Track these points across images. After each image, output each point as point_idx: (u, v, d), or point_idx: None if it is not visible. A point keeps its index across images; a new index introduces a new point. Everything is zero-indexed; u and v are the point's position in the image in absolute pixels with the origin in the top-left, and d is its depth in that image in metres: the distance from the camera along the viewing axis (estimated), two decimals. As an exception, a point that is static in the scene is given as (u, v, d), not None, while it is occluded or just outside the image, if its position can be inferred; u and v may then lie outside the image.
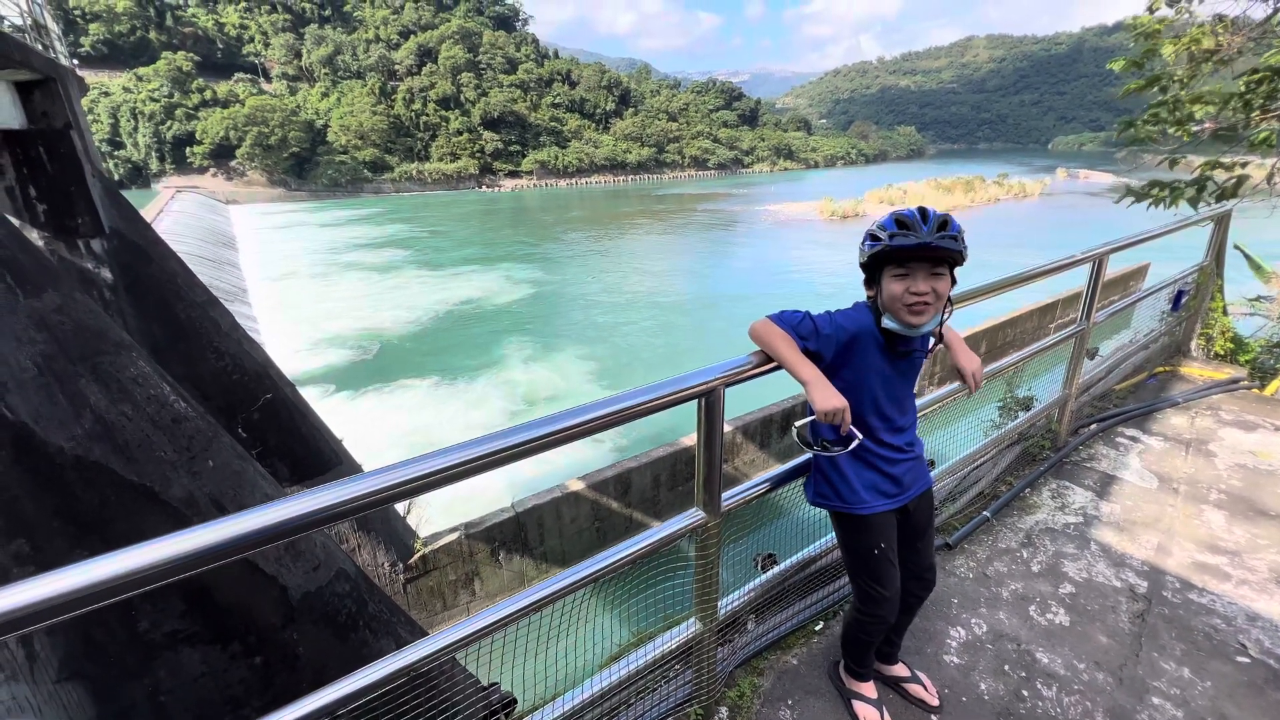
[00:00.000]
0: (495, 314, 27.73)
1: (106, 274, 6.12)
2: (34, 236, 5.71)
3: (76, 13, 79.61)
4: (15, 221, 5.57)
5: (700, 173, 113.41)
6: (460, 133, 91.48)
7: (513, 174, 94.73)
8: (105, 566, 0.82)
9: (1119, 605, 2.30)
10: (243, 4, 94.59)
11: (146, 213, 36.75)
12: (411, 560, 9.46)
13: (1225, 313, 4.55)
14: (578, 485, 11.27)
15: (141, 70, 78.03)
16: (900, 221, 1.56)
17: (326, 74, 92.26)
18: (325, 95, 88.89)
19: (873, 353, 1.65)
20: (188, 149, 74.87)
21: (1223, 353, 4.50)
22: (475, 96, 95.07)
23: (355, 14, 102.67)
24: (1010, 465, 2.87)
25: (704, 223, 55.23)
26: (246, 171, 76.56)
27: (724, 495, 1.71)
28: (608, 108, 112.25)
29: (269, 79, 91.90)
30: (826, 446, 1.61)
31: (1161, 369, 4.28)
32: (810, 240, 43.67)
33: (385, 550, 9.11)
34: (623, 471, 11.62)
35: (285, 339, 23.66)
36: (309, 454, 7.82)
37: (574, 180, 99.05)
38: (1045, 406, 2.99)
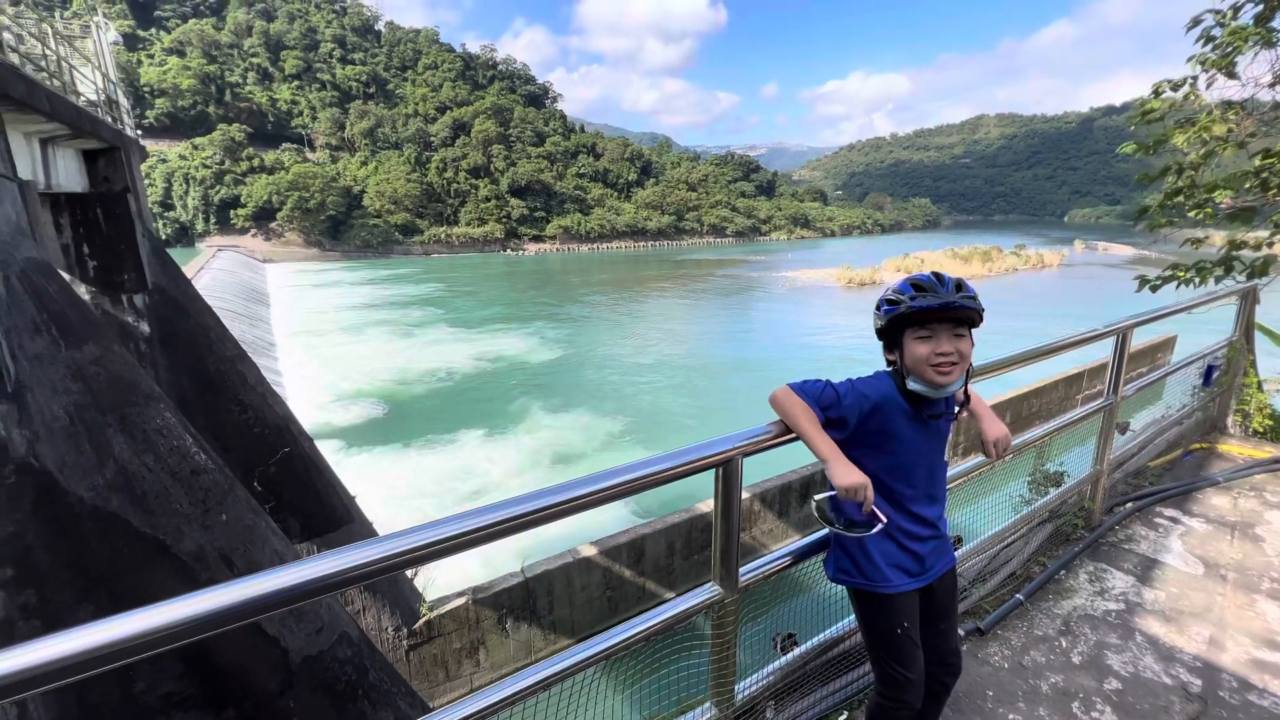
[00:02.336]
0: (517, 372, 28.00)
1: (145, 327, 6.36)
2: (81, 290, 6.00)
3: (145, 89, 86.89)
4: (65, 276, 5.86)
5: (719, 240, 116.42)
6: (488, 199, 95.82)
7: (536, 238, 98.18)
8: (109, 630, 0.80)
9: (1171, 705, 2.11)
10: (296, 82, 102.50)
11: (190, 268, 38.53)
12: (416, 625, 9.15)
13: (1260, 389, 4.42)
14: (590, 551, 10.96)
15: (198, 140, 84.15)
16: (918, 285, 1.58)
17: (366, 144, 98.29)
18: (364, 164, 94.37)
19: (899, 420, 1.62)
20: (232, 211, 79.46)
21: (1261, 430, 4.34)
22: (504, 166, 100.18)
23: (397, 91, 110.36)
24: (1042, 545, 2.73)
25: (723, 288, 56.14)
26: (285, 232, 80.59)
27: (742, 569, 1.65)
28: (630, 178, 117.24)
29: (313, 149, 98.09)
30: (849, 525, 1.55)
31: (1198, 445, 4.12)
32: (830, 306, 44.03)
33: (390, 613, 8.84)
34: (636, 538, 11.31)
35: (308, 392, 24.07)
36: (321, 510, 7.76)
37: (596, 245, 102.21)
38: (1077, 483, 2.86)
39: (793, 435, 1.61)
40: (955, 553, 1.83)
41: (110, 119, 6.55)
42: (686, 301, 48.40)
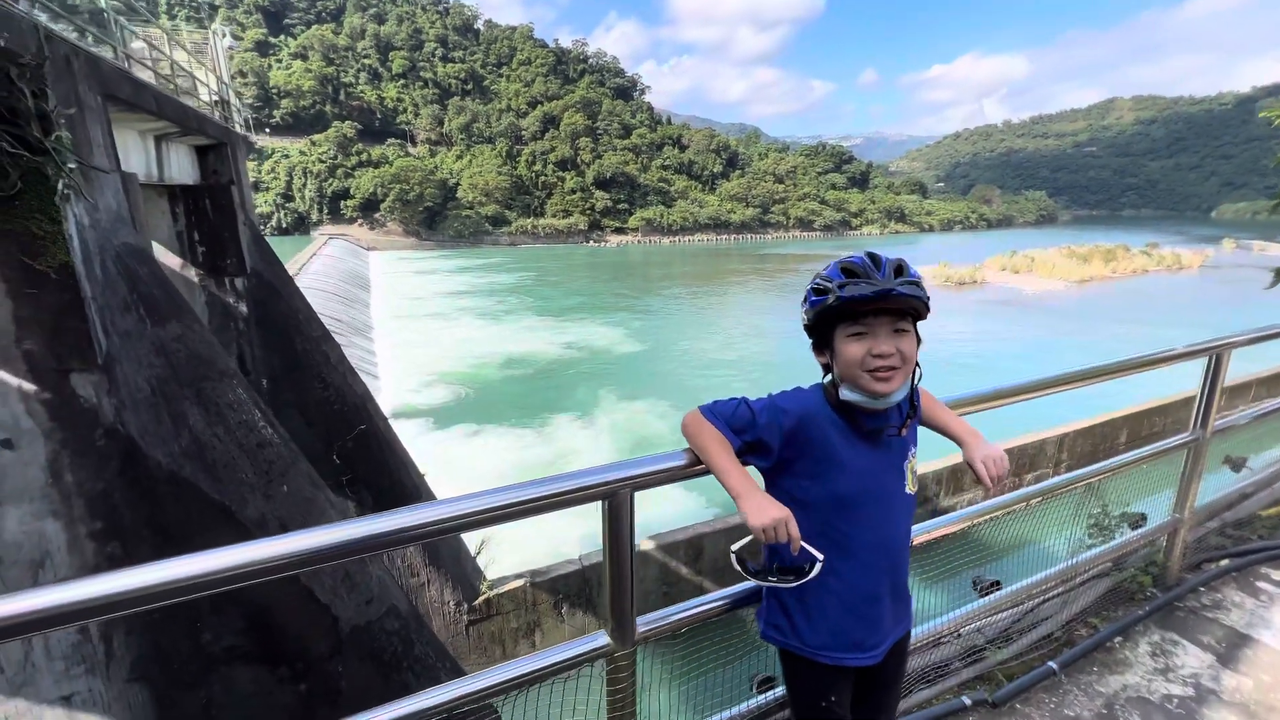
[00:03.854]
0: (597, 362, 28.46)
1: (243, 308, 6.96)
2: (191, 274, 6.64)
3: (274, 90, 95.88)
4: (179, 260, 6.51)
5: (805, 234, 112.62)
6: (574, 191, 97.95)
7: (619, 230, 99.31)
8: (169, 569, 0.95)
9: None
10: (401, 81, 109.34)
11: (304, 254, 42.20)
12: (476, 602, 9.51)
13: None
14: (647, 545, 10.94)
15: (316, 136, 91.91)
16: (848, 269, 1.27)
17: (462, 139, 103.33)
18: (459, 157, 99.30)
19: (833, 439, 1.31)
20: (342, 202, 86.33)
21: None
22: (590, 159, 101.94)
23: (492, 87, 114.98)
24: (1094, 604, 2.23)
25: (806, 284, 54.21)
26: (387, 222, 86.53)
27: (641, 619, 1.42)
28: (715, 170, 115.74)
29: (414, 143, 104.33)
30: (779, 574, 1.26)
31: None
32: (919, 306, 41.32)
33: (453, 588, 9.24)
34: (695, 536, 11.16)
35: (399, 373, 25.66)
36: (393, 486, 8.22)
37: (677, 238, 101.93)
38: (1149, 530, 2.35)
39: (702, 467, 1.35)
40: (981, 601, 1.54)
41: (221, 117, 7.19)
42: (769, 297, 47.13)
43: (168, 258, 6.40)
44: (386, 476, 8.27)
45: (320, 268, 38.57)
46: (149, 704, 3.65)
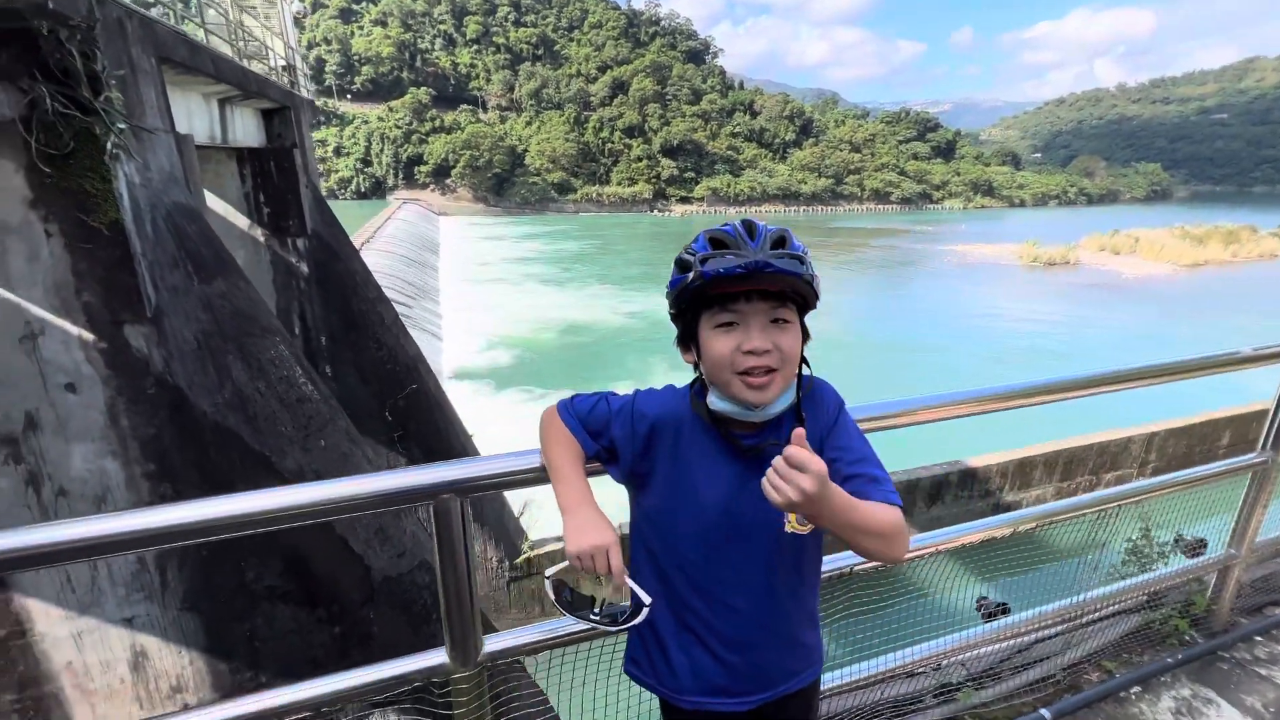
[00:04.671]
0: (652, 332, 28.42)
1: (304, 268, 7.29)
2: (258, 233, 6.99)
3: (355, 57, 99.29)
4: (246, 220, 6.85)
5: (880, 206, 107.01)
6: (640, 159, 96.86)
7: (684, 200, 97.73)
8: (211, 508, 1.06)
9: None
10: (475, 46, 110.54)
11: (379, 219, 44.02)
12: (518, 560, 9.86)
13: None
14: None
15: (393, 103, 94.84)
16: (716, 239, 0.99)
17: (532, 105, 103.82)
18: (528, 124, 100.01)
19: (695, 455, 1.06)
20: (416, 168, 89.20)
21: None
22: (658, 125, 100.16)
23: (563, 52, 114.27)
24: (1112, 644, 1.89)
25: (879, 260, 51.56)
26: (457, 188, 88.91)
27: (490, 638, 1.28)
28: (787, 137, 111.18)
29: (485, 110, 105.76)
30: (602, 612, 1.04)
31: None
32: (1001, 287, 38.51)
33: (496, 546, 9.60)
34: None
35: (462, 336, 26.54)
36: (440, 444, 8.52)
37: (744, 208, 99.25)
38: (1194, 565, 1.99)
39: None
40: (972, 630, 1.31)
41: (288, 82, 7.43)
42: (838, 273, 45.23)
43: (236, 217, 6.74)
44: (435, 435, 8.59)
45: (393, 231, 40.13)
46: (199, 631, 3.97)
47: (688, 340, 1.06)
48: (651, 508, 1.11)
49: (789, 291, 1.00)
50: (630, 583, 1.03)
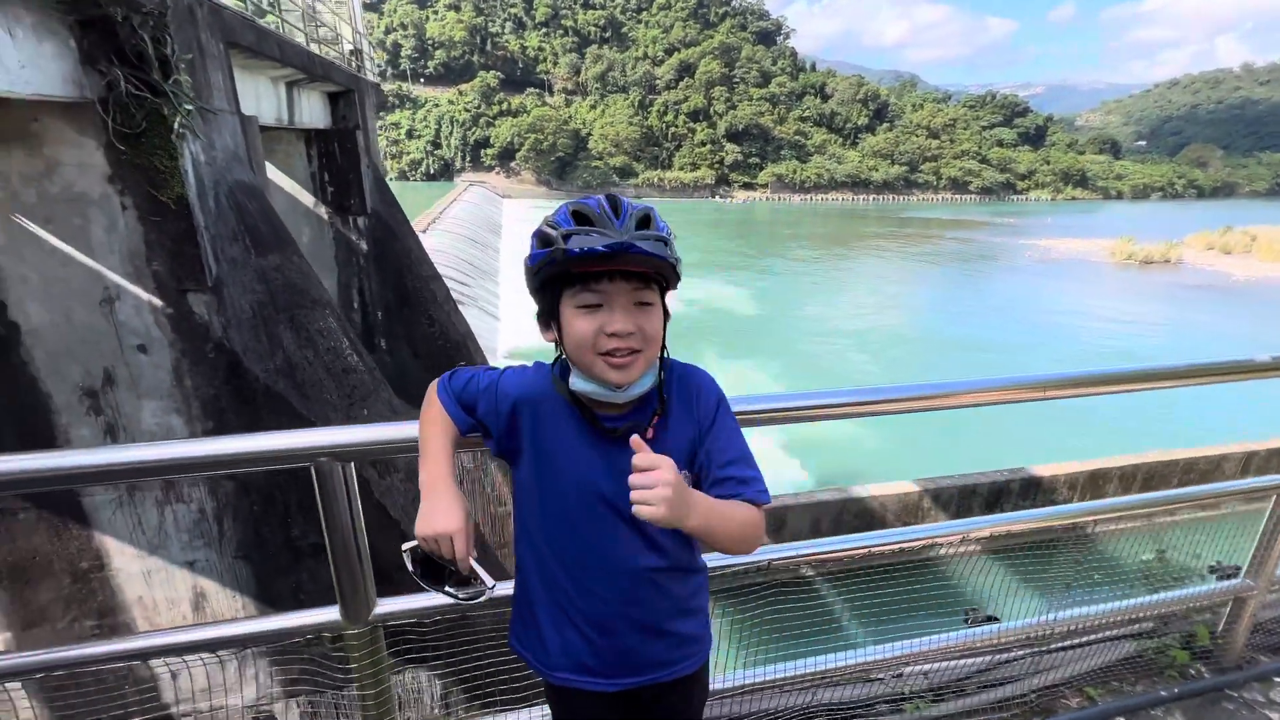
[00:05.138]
0: (706, 320, 28.22)
1: (364, 245, 7.63)
2: (322, 211, 7.36)
3: (429, 42, 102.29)
4: (312, 198, 7.23)
5: (957, 196, 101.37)
6: (704, 144, 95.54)
7: (747, 186, 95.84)
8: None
9: None
10: (544, 29, 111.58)
11: (445, 200, 45.52)
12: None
13: None
14: (726, 507, 10.91)
15: (463, 86, 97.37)
16: (580, 214, 0.95)
17: (597, 88, 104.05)
18: (593, 107, 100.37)
19: (558, 433, 1.05)
20: (482, 151, 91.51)
21: None
22: (724, 109, 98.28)
23: (630, 34, 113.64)
24: (1099, 669, 1.70)
25: (954, 253, 48.89)
26: (521, 171, 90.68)
27: (384, 601, 1.30)
28: (859, 122, 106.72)
29: (551, 93, 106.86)
30: (455, 585, 1.03)
31: None
32: (1088, 286, 35.74)
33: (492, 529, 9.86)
34: (778, 507, 10.92)
35: (519, 315, 27.18)
36: (485, 420, 8.80)
37: (809, 196, 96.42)
38: (1203, 592, 1.77)
39: None
40: (941, 636, 1.23)
41: (355, 66, 7.74)
42: (908, 266, 43.25)
43: (303, 196, 7.12)
44: (481, 411, 8.88)
45: (458, 213, 41.39)
46: (251, 579, 4.30)
47: (548, 318, 1.03)
48: (521, 484, 1.11)
49: (652, 273, 0.98)
50: (476, 566, 1.03)
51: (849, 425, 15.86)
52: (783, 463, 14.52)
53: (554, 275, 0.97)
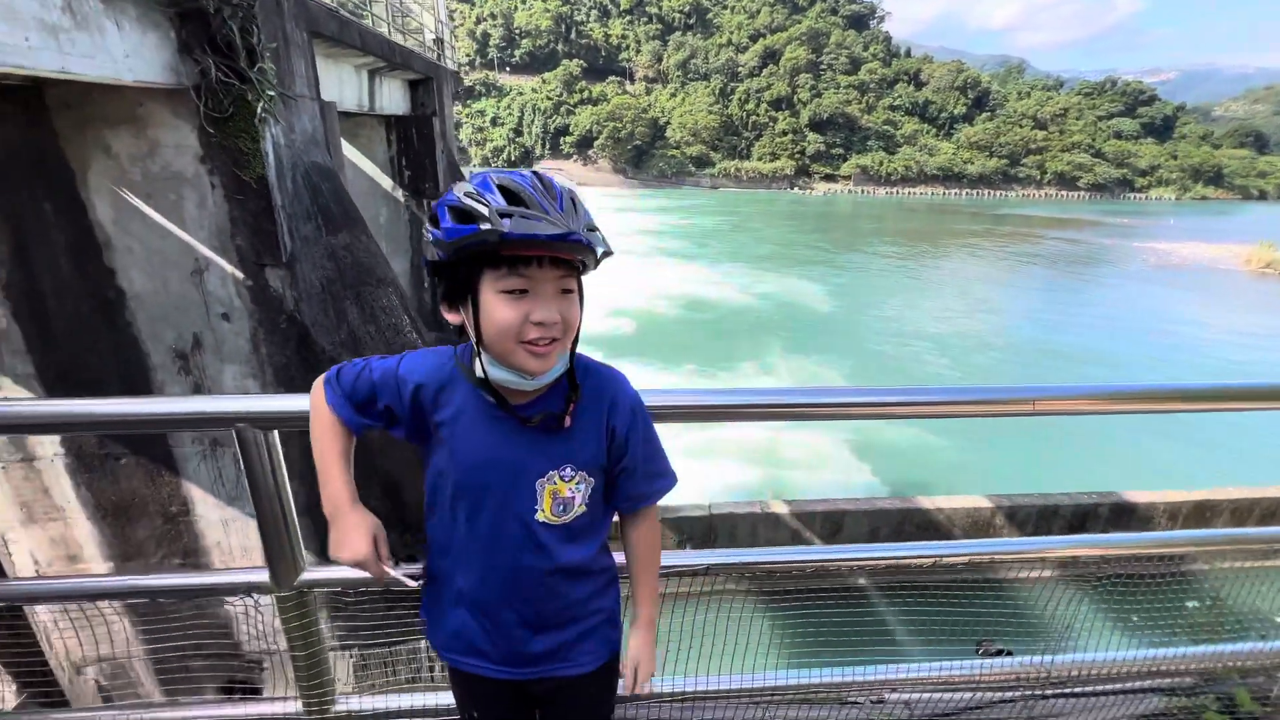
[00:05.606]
0: (775, 315, 27.61)
1: (436, 228, 7.97)
2: (399, 194, 7.73)
3: (516, 31, 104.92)
4: (390, 181, 7.60)
5: (1064, 193, 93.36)
6: (785, 133, 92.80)
7: (828, 178, 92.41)
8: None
9: None
10: (628, 17, 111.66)
11: (523, 187, 46.75)
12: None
13: None
14: (780, 508, 10.66)
15: (546, 75, 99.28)
16: (510, 192, 0.88)
17: (678, 76, 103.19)
18: (673, 95, 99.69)
19: (471, 419, 1.01)
20: (562, 138, 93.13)
21: None
22: (808, 97, 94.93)
23: (715, 20, 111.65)
24: None
25: (1052, 254, 45.06)
26: (598, 159, 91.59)
27: (313, 568, 1.35)
28: (956, 111, 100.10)
29: (632, 81, 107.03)
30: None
31: None
32: (1216, 296, 31.94)
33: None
34: (834, 510, 10.58)
35: (586, 304, 27.65)
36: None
37: (895, 189, 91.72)
38: (1251, 651, 1.47)
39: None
40: (929, 666, 1.13)
41: (435, 55, 8.04)
42: (1002, 266, 40.29)
43: (382, 179, 7.51)
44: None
45: (535, 199, 42.53)
46: (313, 536, 4.62)
47: (459, 298, 0.96)
48: (430, 466, 1.09)
49: (578, 261, 0.94)
50: (394, 573, 1.07)
51: (923, 431, 15.07)
52: (848, 465, 14.03)
53: (476, 254, 0.90)
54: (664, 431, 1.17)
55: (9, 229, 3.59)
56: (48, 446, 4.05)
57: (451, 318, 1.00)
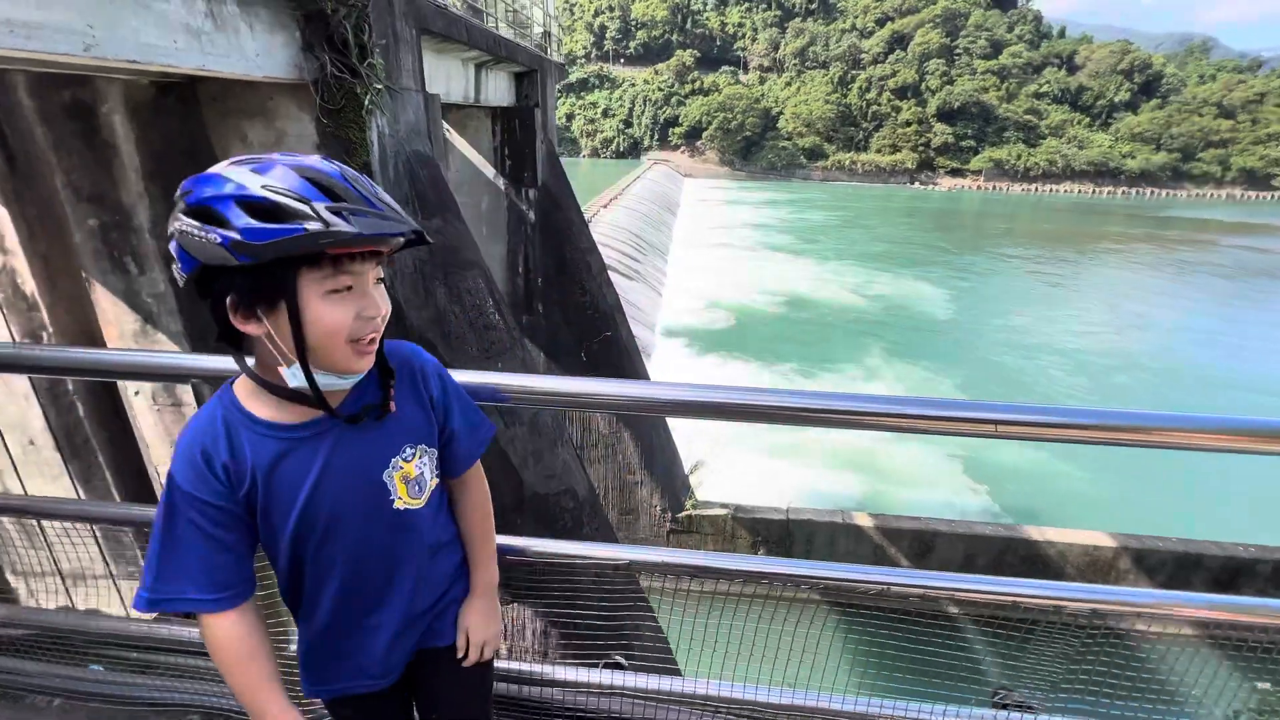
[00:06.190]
0: (882, 317, 26.18)
1: (532, 215, 8.29)
2: (501, 183, 8.12)
3: (633, 23, 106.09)
4: (493, 170, 8.00)
5: (1252, 193, 79.84)
6: (908, 124, 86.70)
7: (955, 172, 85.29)
8: None
9: None
10: (745, 4, 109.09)
11: (628, 178, 47.44)
12: (680, 515, 10.26)
13: None
14: (864, 520, 10.13)
15: (659, 66, 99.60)
16: (323, 183, 0.81)
17: (795, 64, 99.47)
18: (788, 84, 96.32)
19: (274, 454, 0.92)
20: (670, 129, 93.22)
21: None
22: (938, 84, 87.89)
23: (838, 5, 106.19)
24: None
25: (1235, 265, 38.61)
26: (706, 150, 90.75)
27: None
28: (1117, 98, 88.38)
29: (746, 70, 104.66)
30: None
31: None
32: None
33: (661, 495, 10.10)
34: (924, 530, 9.91)
35: (681, 294, 27.63)
36: (623, 390, 9.15)
37: (1032, 186, 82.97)
38: None
39: None
40: (923, 707, 1.01)
41: (539, 48, 8.34)
42: (1167, 276, 35.29)
43: (485, 168, 7.92)
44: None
45: (639, 190, 42.95)
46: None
47: (265, 304, 0.84)
48: (272, 529, 0.96)
49: (389, 252, 0.91)
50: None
51: (1044, 454, 13.64)
52: (957, 484, 13.03)
53: (293, 255, 0.80)
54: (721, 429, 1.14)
55: (167, 206, 4.19)
56: (190, 394, 4.71)
57: (250, 328, 0.86)
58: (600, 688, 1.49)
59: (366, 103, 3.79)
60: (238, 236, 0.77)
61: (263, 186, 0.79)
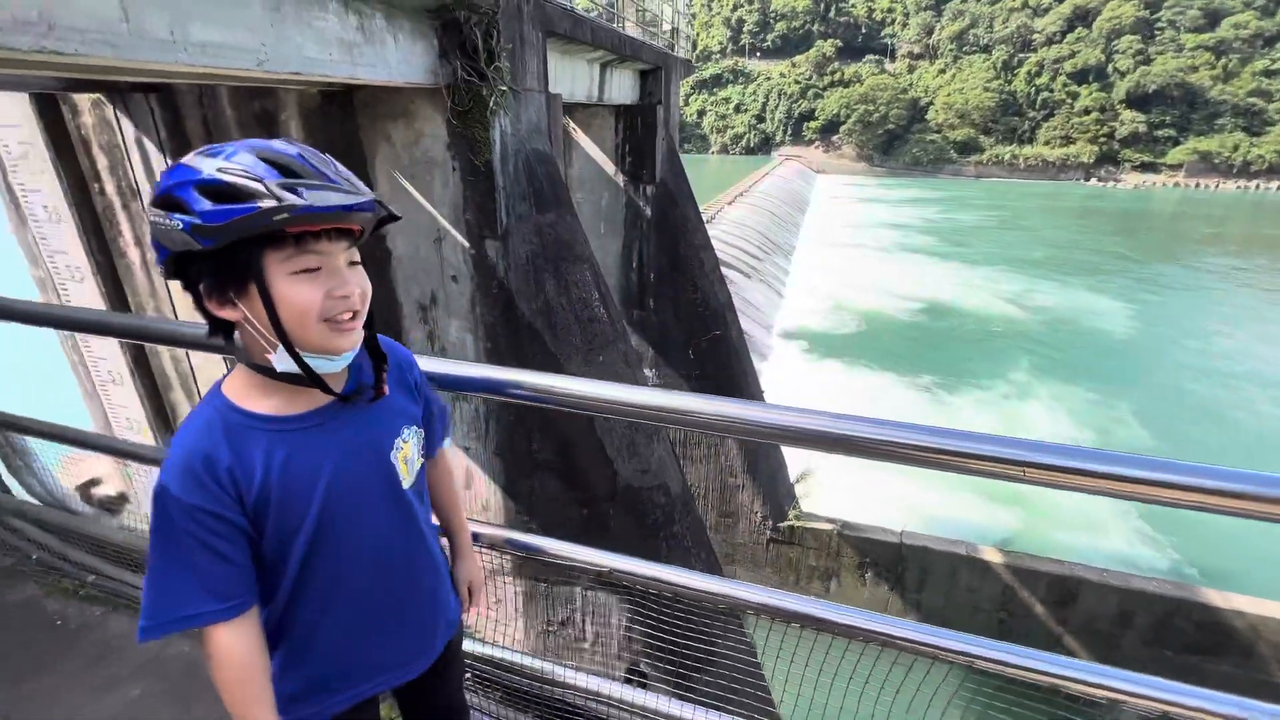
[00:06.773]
0: (1040, 330, 23.34)
1: (649, 211, 8.37)
2: (620, 179, 8.29)
3: (773, 14, 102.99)
4: (613, 167, 8.19)
5: None
6: (1087, 111, 75.75)
7: (1144, 167, 73.25)
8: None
9: None
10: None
11: (756, 175, 46.38)
12: (782, 524, 9.88)
13: None
14: (992, 555, 9.12)
15: (797, 58, 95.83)
16: (279, 163, 0.82)
17: (951, 49, 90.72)
18: (942, 71, 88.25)
19: (287, 448, 0.92)
20: (805, 124, 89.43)
21: None
22: (1131, 65, 75.73)
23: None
24: None
25: None
26: (842, 145, 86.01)
27: None
28: (1385, 71, 70.56)
29: (893, 59, 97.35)
30: None
31: None
32: None
33: (764, 502, 9.80)
34: (1068, 575, 8.73)
35: (805, 295, 26.52)
36: (730, 391, 8.98)
37: (1252, 183, 69.03)
38: None
39: None
40: None
41: (667, 45, 8.37)
42: None
43: (607, 165, 8.13)
44: (728, 382, 9.07)
45: (767, 187, 41.83)
46: (501, 474, 5.33)
47: (235, 287, 0.84)
48: (271, 551, 0.93)
49: (358, 231, 0.91)
50: None
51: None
52: (1131, 531, 11.35)
53: (253, 237, 0.80)
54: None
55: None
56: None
57: (226, 314, 0.87)
58: (621, 702, 1.45)
59: (491, 103, 4.03)
60: (197, 220, 0.79)
61: (218, 170, 0.80)
